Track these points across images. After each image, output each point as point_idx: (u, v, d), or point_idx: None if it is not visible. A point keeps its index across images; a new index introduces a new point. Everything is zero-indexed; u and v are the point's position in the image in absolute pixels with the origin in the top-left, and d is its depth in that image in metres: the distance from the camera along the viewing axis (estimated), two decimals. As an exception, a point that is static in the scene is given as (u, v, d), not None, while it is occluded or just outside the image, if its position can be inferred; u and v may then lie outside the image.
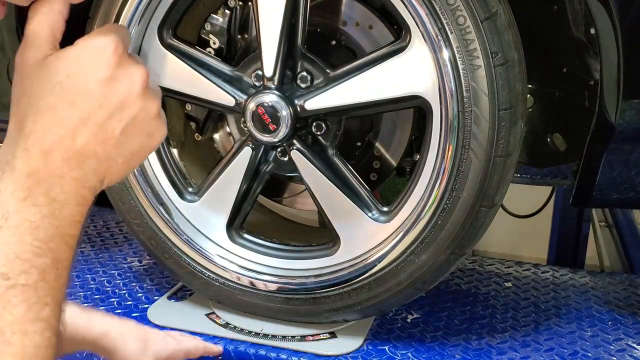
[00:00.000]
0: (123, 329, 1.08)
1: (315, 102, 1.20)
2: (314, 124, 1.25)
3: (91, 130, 0.55)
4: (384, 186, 1.40)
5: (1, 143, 0.58)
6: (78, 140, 0.54)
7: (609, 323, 1.43)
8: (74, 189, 0.55)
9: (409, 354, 1.27)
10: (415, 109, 1.28)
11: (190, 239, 1.35)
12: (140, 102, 0.57)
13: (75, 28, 0.65)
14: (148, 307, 1.43)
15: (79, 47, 0.56)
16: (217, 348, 1.26)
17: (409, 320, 1.41)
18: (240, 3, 1.36)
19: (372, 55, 1.17)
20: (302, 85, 1.22)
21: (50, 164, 0.53)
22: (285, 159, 1.28)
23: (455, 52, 1.06)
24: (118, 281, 1.58)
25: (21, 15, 1.25)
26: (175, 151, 1.42)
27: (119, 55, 0.56)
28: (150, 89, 0.59)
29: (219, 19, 1.38)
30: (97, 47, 0.56)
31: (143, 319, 1.38)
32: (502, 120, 1.07)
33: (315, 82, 1.22)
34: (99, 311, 1.14)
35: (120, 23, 1.25)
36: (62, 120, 0.54)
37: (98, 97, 0.55)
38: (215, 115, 1.46)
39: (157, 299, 1.47)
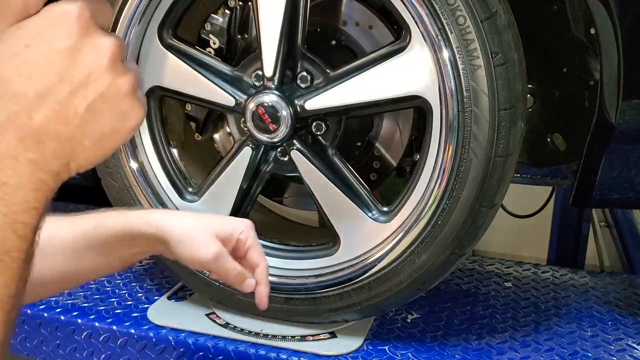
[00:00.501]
0: (168, 212, 0.96)
1: (315, 102, 1.20)
2: (314, 124, 1.25)
3: (50, 107, 0.49)
4: (384, 186, 1.40)
5: None
6: (35, 118, 0.48)
7: (609, 323, 1.43)
8: (30, 171, 0.49)
9: (409, 354, 1.27)
10: (415, 109, 1.28)
11: (190, 239, 1.35)
12: (109, 76, 0.51)
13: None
14: (148, 307, 1.43)
15: (39, 16, 0.49)
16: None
17: (409, 320, 1.41)
18: (240, 3, 1.36)
19: (372, 55, 1.17)
20: (302, 85, 1.22)
21: (2, 144, 0.48)
22: (285, 159, 1.28)
23: (455, 52, 1.06)
24: (118, 281, 1.58)
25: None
26: (175, 151, 1.42)
27: (83, 24, 0.49)
28: (123, 64, 0.52)
29: (219, 19, 1.38)
30: (59, 15, 0.49)
31: (143, 319, 1.38)
32: (502, 120, 1.07)
33: (315, 82, 1.22)
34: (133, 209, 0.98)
35: (120, 23, 1.25)
36: (17, 95, 0.48)
37: (58, 69, 0.49)
38: (215, 115, 1.46)
39: (157, 299, 1.47)
